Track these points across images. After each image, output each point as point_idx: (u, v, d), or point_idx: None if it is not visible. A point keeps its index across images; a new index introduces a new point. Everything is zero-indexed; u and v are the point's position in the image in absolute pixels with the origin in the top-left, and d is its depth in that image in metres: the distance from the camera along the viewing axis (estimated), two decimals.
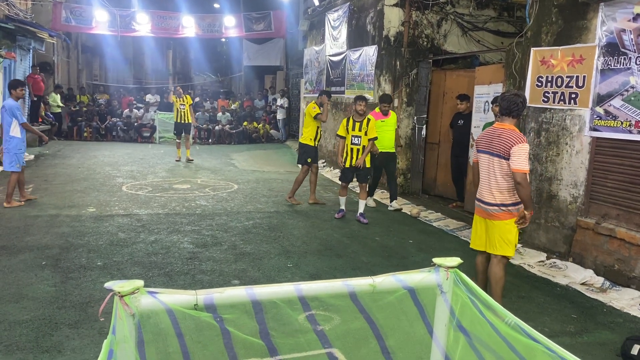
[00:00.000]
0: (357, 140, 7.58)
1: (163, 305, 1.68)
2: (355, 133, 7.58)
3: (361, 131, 7.55)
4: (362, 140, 7.57)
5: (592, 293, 5.28)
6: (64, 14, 17.61)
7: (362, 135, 7.56)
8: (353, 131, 7.59)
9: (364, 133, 7.55)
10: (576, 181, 6.09)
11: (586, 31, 5.96)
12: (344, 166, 7.75)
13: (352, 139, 7.60)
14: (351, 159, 7.63)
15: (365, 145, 7.59)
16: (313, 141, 8.55)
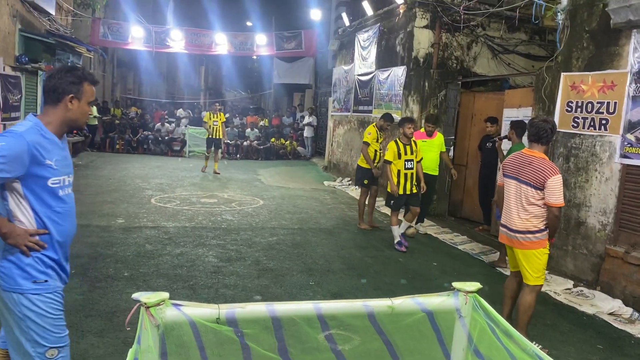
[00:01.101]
0: (410, 164, 7.25)
1: (187, 318, 1.74)
2: (408, 157, 7.24)
3: (413, 154, 7.26)
4: (414, 164, 7.30)
5: (620, 324, 5.16)
6: (102, 29, 18.21)
7: (414, 158, 7.27)
8: (406, 155, 7.23)
9: (415, 156, 7.30)
10: (605, 208, 5.99)
11: (618, 57, 5.91)
12: (398, 193, 7.28)
13: (406, 163, 7.23)
14: (405, 184, 7.26)
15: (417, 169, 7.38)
16: (369, 163, 8.36)
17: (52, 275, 2.56)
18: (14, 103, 11.33)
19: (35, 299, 2.48)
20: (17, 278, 2.46)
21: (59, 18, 14.95)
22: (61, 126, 2.60)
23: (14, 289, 2.46)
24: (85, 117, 2.70)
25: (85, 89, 2.61)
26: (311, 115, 20.02)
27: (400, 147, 7.26)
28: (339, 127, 15.19)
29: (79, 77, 2.61)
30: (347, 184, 13.34)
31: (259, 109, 28.39)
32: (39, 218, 2.51)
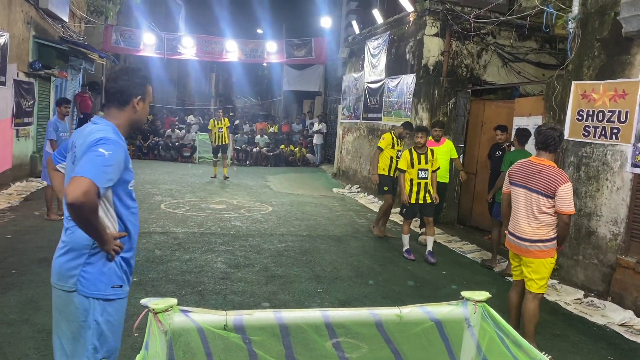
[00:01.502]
0: (424, 174, 7.11)
1: (194, 324, 1.75)
2: (422, 166, 7.10)
3: (427, 164, 7.11)
4: (429, 173, 7.15)
5: (631, 335, 5.09)
6: (114, 36, 18.39)
7: (428, 168, 7.13)
8: (419, 164, 7.11)
9: (431, 165, 7.14)
10: (616, 218, 5.93)
11: (629, 66, 5.87)
12: (409, 202, 7.24)
13: (419, 172, 7.10)
14: (417, 193, 7.15)
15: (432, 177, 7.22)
16: (387, 171, 8.31)
17: (125, 280, 2.56)
18: (27, 109, 11.46)
19: (109, 305, 2.47)
20: (98, 283, 2.44)
21: (72, 25, 15.13)
22: (128, 128, 2.63)
23: (93, 294, 2.43)
24: (145, 118, 2.76)
25: (148, 90, 2.67)
26: (321, 122, 20.06)
27: (414, 155, 7.18)
28: (348, 134, 15.20)
29: (144, 79, 2.65)
30: (356, 191, 13.33)
31: (269, 115, 28.50)
32: (121, 221, 2.51)
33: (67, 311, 2.44)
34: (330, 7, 24.68)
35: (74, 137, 2.52)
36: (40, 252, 6.24)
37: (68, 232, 2.47)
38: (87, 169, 2.22)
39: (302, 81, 22.84)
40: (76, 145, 2.45)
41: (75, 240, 2.43)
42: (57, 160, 2.73)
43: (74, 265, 2.43)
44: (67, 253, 2.45)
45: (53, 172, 2.75)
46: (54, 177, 2.75)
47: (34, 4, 11.67)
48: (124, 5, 19.07)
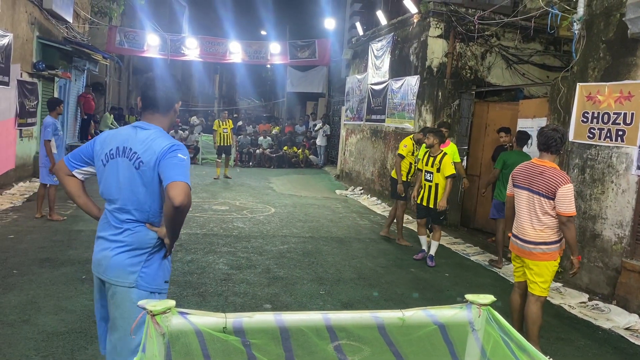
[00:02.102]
0: (429, 176, 7.04)
1: (193, 327, 1.71)
2: (427, 168, 7.06)
3: (433, 167, 6.98)
4: (434, 177, 6.99)
5: (636, 339, 5.04)
6: (118, 37, 18.42)
7: (434, 171, 6.98)
8: (426, 166, 7.09)
9: (436, 170, 6.96)
10: (622, 221, 5.88)
11: (635, 67, 5.82)
12: (417, 202, 7.26)
13: (425, 174, 7.10)
14: (423, 195, 7.12)
15: (439, 183, 6.97)
16: (405, 176, 8.18)
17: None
18: (31, 109, 11.47)
19: (161, 298, 2.59)
20: (157, 278, 2.65)
21: (76, 26, 15.16)
22: (168, 130, 2.82)
23: (153, 288, 2.62)
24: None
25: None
26: (324, 124, 20.03)
27: (425, 155, 7.14)
28: (351, 136, 15.17)
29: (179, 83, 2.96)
30: (359, 193, 13.29)
31: (272, 117, 28.50)
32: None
33: (124, 307, 2.57)
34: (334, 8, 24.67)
35: (124, 142, 2.60)
36: (42, 252, 6.23)
37: (128, 232, 2.59)
38: (181, 174, 2.44)
39: (305, 82, 22.82)
40: (135, 150, 2.56)
41: (140, 239, 2.60)
42: (74, 166, 2.72)
43: (136, 262, 2.58)
44: (130, 251, 2.59)
45: (67, 178, 2.73)
46: (69, 183, 2.73)
47: (38, 4, 11.68)
48: (128, 6, 19.12)
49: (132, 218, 2.60)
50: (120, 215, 2.61)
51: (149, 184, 2.56)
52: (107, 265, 2.60)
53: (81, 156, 2.73)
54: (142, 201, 2.58)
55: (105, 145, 2.65)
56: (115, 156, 2.61)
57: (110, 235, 2.62)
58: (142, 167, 2.53)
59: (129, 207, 2.59)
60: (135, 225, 2.59)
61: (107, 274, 2.60)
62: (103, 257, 2.61)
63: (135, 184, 2.56)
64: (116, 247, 2.59)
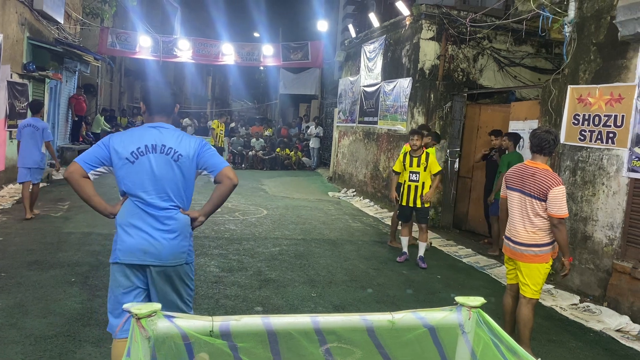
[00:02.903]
0: (415, 176, 7.08)
1: (179, 330, 1.69)
2: (413, 169, 7.08)
3: (419, 167, 7.04)
4: (420, 176, 7.06)
5: (627, 341, 5.05)
6: (110, 38, 18.32)
7: (420, 171, 7.05)
8: (411, 167, 7.09)
9: (423, 169, 7.05)
10: (612, 223, 5.90)
11: (626, 70, 5.85)
12: (400, 204, 7.27)
13: (410, 175, 7.09)
14: (408, 196, 7.11)
15: (425, 181, 7.10)
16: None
17: None
18: (21, 110, 11.37)
19: (193, 267, 3.14)
20: (192, 253, 3.10)
21: (68, 27, 15.06)
22: None
23: (191, 261, 3.09)
24: None
25: None
26: (317, 126, 20.02)
27: (407, 158, 7.19)
28: (344, 138, 15.17)
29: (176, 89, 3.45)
30: (351, 195, 13.28)
31: (265, 119, 28.46)
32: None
33: (182, 278, 3.03)
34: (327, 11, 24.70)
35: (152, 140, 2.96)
36: (30, 255, 6.16)
37: (172, 219, 2.97)
38: (223, 160, 3.12)
39: (298, 84, 22.82)
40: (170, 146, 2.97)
41: (181, 224, 3.00)
42: (90, 167, 2.92)
43: (185, 244, 3.03)
44: (179, 237, 2.98)
45: (83, 180, 2.90)
46: (86, 184, 2.92)
47: (28, 5, 11.60)
48: (119, 7, 19.03)
49: (173, 205, 2.98)
50: (160, 204, 2.94)
51: (186, 174, 3.01)
52: (160, 251, 2.91)
53: (97, 158, 2.94)
54: (181, 188, 3.01)
55: (127, 145, 2.93)
56: (145, 153, 2.93)
57: (152, 223, 2.92)
58: (181, 159, 2.97)
59: (169, 195, 2.96)
60: (175, 212, 2.99)
61: (164, 259, 2.92)
62: (152, 244, 2.90)
63: (174, 174, 2.96)
64: (166, 232, 2.93)
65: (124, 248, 2.90)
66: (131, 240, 2.89)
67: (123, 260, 2.91)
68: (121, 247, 2.91)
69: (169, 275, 2.97)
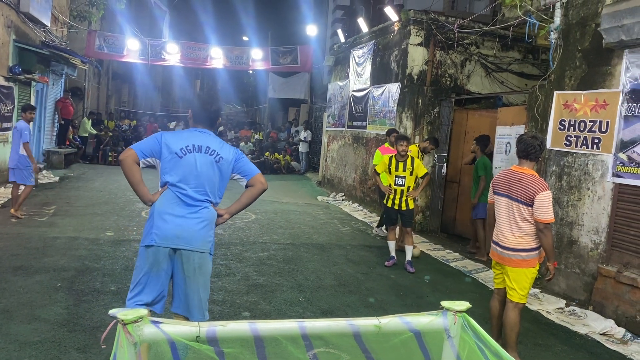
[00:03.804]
0: (401, 181, 7.15)
1: (165, 336, 1.68)
2: (399, 173, 7.16)
3: (405, 171, 7.14)
4: (406, 180, 7.14)
5: (612, 344, 5.10)
6: (98, 41, 18.21)
7: (406, 175, 7.14)
8: (397, 171, 7.18)
9: (409, 173, 7.14)
10: (598, 227, 5.96)
11: (610, 77, 5.93)
12: (386, 205, 7.39)
13: (396, 179, 7.18)
14: (394, 199, 7.20)
15: (411, 186, 7.21)
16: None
17: None
18: (6, 114, 11.26)
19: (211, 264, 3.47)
20: (213, 249, 3.44)
21: (54, 29, 14.94)
22: None
23: (212, 253, 3.43)
24: None
25: None
26: (306, 130, 20.03)
27: (393, 162, 7.26)
28: (333, 142, 15.19)
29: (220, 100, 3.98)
30: (340, 199, 13.30)
31: (254, 123, 28.43)
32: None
33: (205, 267, 3.36)
34: (316, 15, 24.76)
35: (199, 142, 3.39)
36: (15, 260, 6.09)
37: (204, 209, 3.35)
38: (256, 168, 3.54)
39: (287, 89, 22.82)
40: (214, 149, 3.39)
41: (211, 216, 3.39)
42: (143, 156, 3.35)
43: (211, 233, 3.39)
44: (207, 226, 3.35)
45: (134, 166, 3.32)
46: (136, 170, 3.33)
47: (14, 7, 11.50)
48: (107, 10, 18.92)
49: (208, 199, 3.37)
50: (198, 196, 3.33)
51: (224, 174, 3.43)
52: (191, 236, 3.26)
53: (150, 149, 3.36)
54: (216, 186, 3.41)
55: (177, 141, 3.36)
56: (192, 151, 3.34)
57: (187, 212, 3.29)
58: (222, 161, 3.39)
59: (206, 189, 3.35)
60: (208, 204, 3.38)
61: (192, 244, 3.26)
62: (184, 230, 3.25)
63: (214, 173, 3.37)
64: (198, 221, 3.31)
65: (160, 233, 3.24)
66: (166, 225, 3.24)
67: (159, 243, 3.23)
68: (157, 232, 3.24)
69: (195, 261, 3.29)
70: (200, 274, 3.32)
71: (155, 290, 3.30)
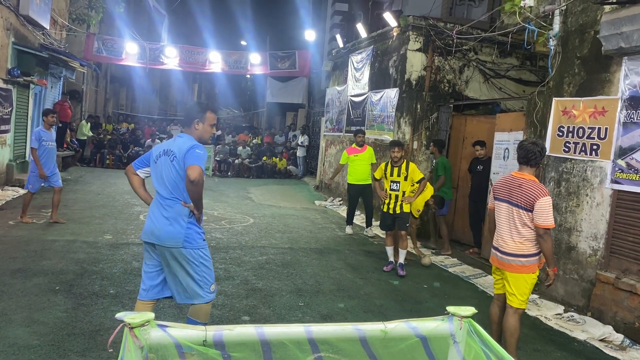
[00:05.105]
0: (396, 186, 7.21)
1: (172, 340, 1.68)
2: (394, 178, 7.22)
3: (400, 176, 7.18)
4: (401, 185, 7.19)
5: (610, 350, 5.11)
6: (96, 45, 18.19)
7: (401, 180, 7.18)
8: (392, 177, 7.24)
9: (404, 178, 7.18)
10: (596, 233, 5.98)
11: (609, 84, 5.96)
12: (382, 210, 7.45)
13: (391, 184, 7.24)
14: (389, 204, 7.26)
15: (406, 191, 7.23)
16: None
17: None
18: (5, 116, 11.24)
19: (204, 251, 3.77)
20: (197, 239, 3.72)
21: (53, 32, 14.94)
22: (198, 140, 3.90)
23: (195, 246, 3.69)
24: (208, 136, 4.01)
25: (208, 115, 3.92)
26: (303, 134, 20.03)
27: (388, 168, 7.34)
28: (331, 147, 15.20)
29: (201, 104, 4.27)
30: (338, 203, 13.30)
31: (252, 127, 28.42)
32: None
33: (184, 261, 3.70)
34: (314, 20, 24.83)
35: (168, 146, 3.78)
36: (14, 262, 6.07)
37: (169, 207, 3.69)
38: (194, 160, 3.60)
39: (285, 93, 22.85)
40: (172, 150, 3.70)
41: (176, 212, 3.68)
42: (138, 167, 3.94)
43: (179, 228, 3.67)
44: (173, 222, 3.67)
45: (133, 176, 3.95)
46: (133, 179, 3.97)
47: (14, 10, 11.50)
48: (106, 14, 18.91)
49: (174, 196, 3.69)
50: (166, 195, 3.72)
51: (179, 171, 3.66)
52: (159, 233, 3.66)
53: (143, 160, 3.95)
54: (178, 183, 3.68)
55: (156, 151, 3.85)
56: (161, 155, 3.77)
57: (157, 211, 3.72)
58: (175, 160, 3.66)
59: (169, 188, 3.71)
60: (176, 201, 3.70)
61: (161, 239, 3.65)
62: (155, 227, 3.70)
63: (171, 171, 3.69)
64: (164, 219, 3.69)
65: (144, 229, 3.77)
66: (147, 222, 3.76)
67: (142, 238, 3.77)
68: (143, 229, 3.77)
69: (172, 255, 3.64)
70: (180, 267, 3.66)
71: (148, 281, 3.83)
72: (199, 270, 3.68)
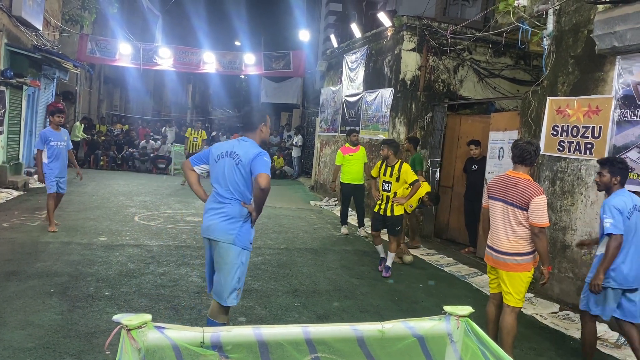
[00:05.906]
0: (387, 186, 7.05)
1: (169, 341, 1.67)
2: (386, 178, 7.07)
3: (391, 177, 7.00)
4: (392, 186, 7.02)
5: (606, 348, 5.14)
6: (90, 45, 18.12)
7: (392, 181, 7.01)
8: (384, 176, 7.09)
9: (395, 179, 6.99)
10: (591, 232, 6.01)
11: (603, 83, 5.99)
12: (373, 210, 7.38)
13: (383, 184, 7.10)
14: (380, 204, 7.13)
15: (398, 192, 7.06)
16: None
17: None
18: None
19: (247, 254, 3.99)
20: (246, 241, 3.95)
21: (46, 33, 14.86)
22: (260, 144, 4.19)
23: (244, 246, 3.93)
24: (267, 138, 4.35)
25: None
26: (298, 134, 20.03)
27: (382, 167, 7.22)
28: (326, 147, 15.20)
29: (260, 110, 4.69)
30: (333, 204, 13.30)
31: None
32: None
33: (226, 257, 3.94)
34: (309, 20, 24.83)
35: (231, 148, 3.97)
36: (8, 265, 6.03)
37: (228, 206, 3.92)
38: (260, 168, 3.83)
39: (280, 93, 22.84)
40: (238, 153, 3.91)
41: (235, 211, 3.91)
42: (195, 164, 4.12)
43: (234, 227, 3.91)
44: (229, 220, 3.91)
45: (190, 172, 4.14)
46: (191, 175, 4.15)
47: (6, 11, 11.43)
48: (99, 14, 18.85)
49: (234, 197, 3.91)
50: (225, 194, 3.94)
51: (244, 174, 3.89)
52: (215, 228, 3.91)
53: (201, 157, 4.13)
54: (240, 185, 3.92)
55: (217, 150, 4.04)
56: (224, 156, 3.96)
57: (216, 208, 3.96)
58: (240, 164, 3.87)
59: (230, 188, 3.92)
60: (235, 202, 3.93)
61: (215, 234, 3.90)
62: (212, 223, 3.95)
63: (235, 174, 3.91)
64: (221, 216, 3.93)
65: (202, 225, 4.01)
66: (205, 219, 4.01)
67: (202, 234, 4.03)
68: (201, 225, 4.03)
69: (222, 248, 3.87)
70: (222, 262, 3.88)
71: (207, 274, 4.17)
72: (232, 270, 3.87)
